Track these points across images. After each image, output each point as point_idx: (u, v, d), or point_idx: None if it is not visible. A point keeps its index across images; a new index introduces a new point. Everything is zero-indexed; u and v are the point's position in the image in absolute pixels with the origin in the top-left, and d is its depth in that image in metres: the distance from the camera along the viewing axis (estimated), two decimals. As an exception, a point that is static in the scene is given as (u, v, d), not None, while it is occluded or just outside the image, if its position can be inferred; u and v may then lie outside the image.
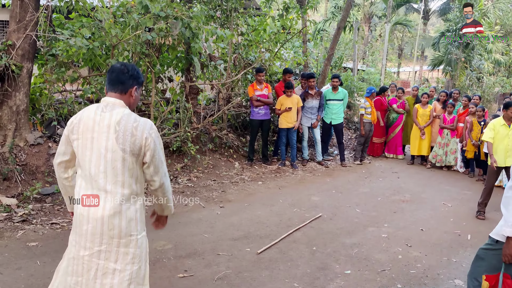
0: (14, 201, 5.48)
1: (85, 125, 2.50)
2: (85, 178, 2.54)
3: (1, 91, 6.04)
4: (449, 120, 9.27)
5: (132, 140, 2.46)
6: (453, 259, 4.79)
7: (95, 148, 2.48)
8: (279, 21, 9.50)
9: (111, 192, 2.49)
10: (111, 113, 2.50)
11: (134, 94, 2.64)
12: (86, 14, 6.71)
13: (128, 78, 2.59)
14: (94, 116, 2.50)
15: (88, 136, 2.49)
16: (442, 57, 19.21)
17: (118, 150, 2.46)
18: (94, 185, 2.50)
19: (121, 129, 2.46)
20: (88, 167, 2.50)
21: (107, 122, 2.47)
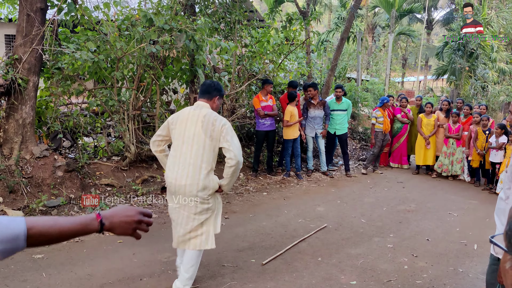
0: (20, 213, 5.51)
1: (181, 118, 3.72)
2: (175, 156, 3.68)
3: (8, 105, 6.11)
4: (454, 129, 9.26)
5: (212, 128, 3.61)
6: (459, 269, 4.76)
7: (186, 133, 3.65)
8: (282, 32, 9.56)
9: (193, 164, 3.60)
10: (200, 111, 3.70)
11: (216, 101, 3.85)
12: (92, 27, 6.79)
13: (213, 90, 3.83)
14: (188, 113, 3.73)
15: (183, 125, 3.68)
16: (446, 66, 19.19)
17: (202, 134, 3.61)
18: (182, 159, 3.63)
19: (205, 120, 3.62)
20: (180, 147, 3.66)
21: (196, 116, 3.66)
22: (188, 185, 3.58)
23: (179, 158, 3.65)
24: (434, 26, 33.48)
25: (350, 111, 9.50)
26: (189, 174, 3.59)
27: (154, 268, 4.47)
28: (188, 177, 3.59)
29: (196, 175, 3.59)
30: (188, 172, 3.59)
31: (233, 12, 8.41)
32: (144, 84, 7.37)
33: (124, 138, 7.08)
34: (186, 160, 3.61)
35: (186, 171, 3.60)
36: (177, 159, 3.65)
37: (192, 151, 3.60)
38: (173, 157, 3.70)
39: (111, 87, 7.10)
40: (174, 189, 3.66)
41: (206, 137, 3.59)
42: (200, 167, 3.60)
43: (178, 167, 3.64)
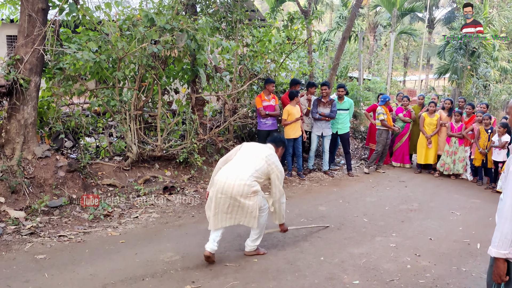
0: (22, 214, 5.51)
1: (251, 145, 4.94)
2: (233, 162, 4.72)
3: (10, 105, 6.11)
4: (456, 128, 9.23)
5: (266, 166, 4.64)
6: (462, 268, 4.74)
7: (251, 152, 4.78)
8: (284, 31, 9.54)
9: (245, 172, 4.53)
10: (269, 150, 4.82)
11: (279, 151, 5.04)
12: (93, 28, 6.78)
13: (279, 141, 5.08)
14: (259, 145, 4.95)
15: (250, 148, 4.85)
16: (448, 65, 19.17)
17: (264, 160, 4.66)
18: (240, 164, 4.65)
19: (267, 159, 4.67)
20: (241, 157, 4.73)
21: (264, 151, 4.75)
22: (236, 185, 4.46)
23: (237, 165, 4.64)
24: (436, 25, 33.43)
25: (352, 110, 9.48)
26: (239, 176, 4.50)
27: (156, 268, 4.47)
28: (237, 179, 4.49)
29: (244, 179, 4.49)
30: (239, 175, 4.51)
31: (235, 12, 8.40)
32: (145, 84, 7.37)
33: (126, 138, 7.08)
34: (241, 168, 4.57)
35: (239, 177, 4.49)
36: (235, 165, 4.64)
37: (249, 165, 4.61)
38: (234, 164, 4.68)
39: (112, 87, 7.10)
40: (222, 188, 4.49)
41: (263, 161, 4.64)
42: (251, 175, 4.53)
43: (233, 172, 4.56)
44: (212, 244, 4.56)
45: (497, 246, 2.62)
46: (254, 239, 4.83)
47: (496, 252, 2.63)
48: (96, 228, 5.55)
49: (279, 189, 4.70)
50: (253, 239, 4.83)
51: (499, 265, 2.66)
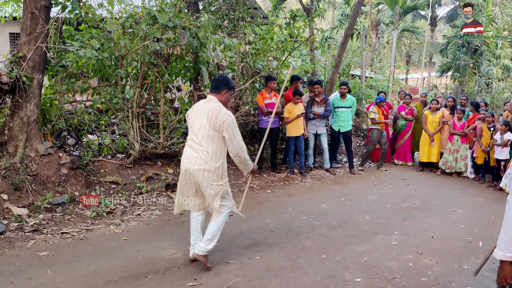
0: (25, 211, 5.52)
1: (194, 111, 4.22)
2: (188, 144, 4.21)
3: (12, 102, 6.12)
4: (459, 126, 9.22)
5: (215, 120, 4.02)
6: (464, 266, 4.74)
7: (196, 124, 4.13)
8: (286, 29, 9.54)
9: (202, 149, 4.07)
10: (208, 104, 4.14)
11: (224, 95, 4.26)
12: (96, 25, 6.79)
13: (221, 84, 4.23)
14: (199, 105, 4.22)
15: (193, 117, 4.18)
16: (450, 63, 19.13)
17: (206, 125, 4.05)
18: (195, 144, 4.12)
19: (211, 113, 4.04)
20: (191, 136, 4.18)
21: (204, 108, 4.12)
22: (196, 170, 4.09)
23: (191, 146, 4.18)
24: (438, 23, 33.28)
25: (354, 108, 9.48)
26: (197, 161, 4.09)
27: (159, 265, 4.48)
28: (196, 163, 4.09)
29: (202, 161, 4.08)
30: (197, 159, 4.09)
31: (237, 9, 8.40)
32: (148, 82, 7.38)
33: (128, 135, 7.09)
34: (195, 147, 4.12)
35: (195, 156, 4.10)
36: (189, 146, 4.19)
37: (198, 140, 4.10)
38: (187, 145, 4.24)
39: (115, 85, 7.11)
40: (185, 172, 4.17)
41: (210, 128, 4.05)
42: (206, 154, 4.08)
43: (189, 153, 4.16)
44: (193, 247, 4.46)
45: (503, 249, 2.61)
46: (207, 239, 4.31)
47: (503, 255, 2.61)
48: (99, 225, 5.56)
49: (237, 144, 4.15)
50: (206, 239, 4.32)
51: (505, 267, 2.65)
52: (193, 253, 4.43)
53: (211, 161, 4.10)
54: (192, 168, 4.11)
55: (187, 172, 4.15)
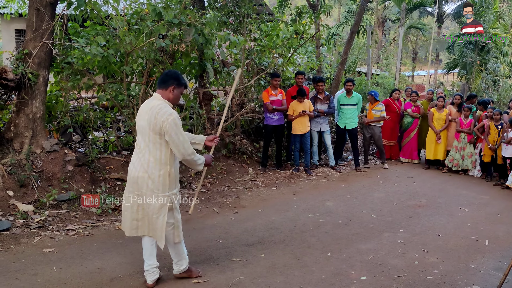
0: (30, 207, 5.54)
1: (140, 110, 3.69)
2: (136, 144, 3.73)
3: (18, 99, 6.13)
4: (465, 124, 9.16)
5: (154, 122, 3.48)
6: (470, 264, 4.71)
7: (139, 125, 3.65)
8: (292, 26, 9.50)
9: (143, 155, 3.61)
10: (150, 102, 3.62)
11: (173, 91, 3.67)
12: (101, 22, 6.78)
13: (169, 79, 3.65)
14: (144, 104, 3.68)
15: (139, 117, 3.65)
16: (457, 60, 18.99)
17: (146, 127, 3.55)
18: (137, 150, 3.69)
19: (150, 113, 3.52)
20: (137, 138, 3.72)
21: (146, 108, 3.59)
22: (139, 177, 3.64)
23: (136, 149, 3.75)
24: (445, 20, 33.09)
25: (360, 105, 9.43)
26: (140, 168, 3.64)
27: (163, 262, 4.47)
28: (139, 170, 3.64)
29: (144, 168, 3.61)
30: (140, 165, 3.64)
31: (242, 6, 8.37)
32: (153, 79, 7.36)
33: (133, 132, 7.08)
34: (139, 152, 3.68)
35: (139, 163, 3.65)
36: (135, 150, 3.76)
37: (142, 144, 3.65)
38: (135, 150, 3.79)
39: (120, 82, 7.11)
40: (131, 180, 3.73)
41: (149, 130, 3.54)
42: (148, 160, 3.60)
43: (135, 159, 3.71)
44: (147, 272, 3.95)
45: None
46: (175, 263, 4.03)
47: None
48: (104, 222, 5.57)
49: (181, 148, 3.59)
50: (175, 263, 4.04)
51: None
52: (174, 274, 4.07)
53: (154, 168, 3.59)
54: (136, 176, 3.64)
55: (131, 180, 3.71)
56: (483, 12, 15.58)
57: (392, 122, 9.99)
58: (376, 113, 9.43)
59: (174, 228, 3.79)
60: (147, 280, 3.92)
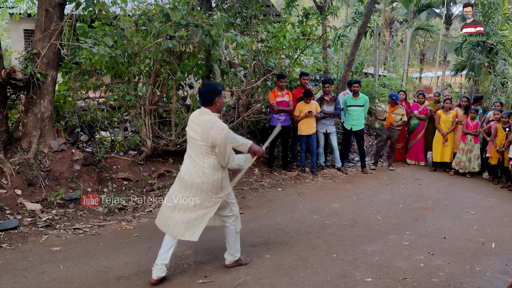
0: (38, 206, 5.59)
1: (189, 121, 4.00)
2: (187, 155, 4.01)
3: (27, 99, 6.19)
4: (472, 126, 9.12)
5: (206, 136, 3.80)
6: (476, 267, 4.70)
7: (190, 135, 3.95)
8: (299, 27, 9.50)
9: (197, 163, 3.91)
10: (202, 117, 3.91)
11: (217, 103, 3.95)
12: (109, 22, 6.83)
13: (210, 94, 3.92)
14: (194, 117, 3.98)
15: (190, 128, 3.98)
16: (465, 62, 18.88)
17: (199, 139, 3.85)
18: (189, 156, 3.98)
19: (204, 127, 3.83)
20: (189, 147, 4.01)
21: (198, 121, 3.90)
22: (195, 182, 3.93)
23: (188, 156, 4.02)
24: (453, 21, 32.93)
25: (367, 107, 9.41)
26: (196, 173, 3.93)
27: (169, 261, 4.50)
28: (195, 176, 3.93)
29: (199, 174, 3.91)
30: (195, 171, 3.93)
31: (250, 7, 8.39)
32: (160, 79, 7.41)
33: (140, 132, 7.13)
34: (192, 160, 3.96)
35: (194, 169, 3.93)
36: (188, 157, 4.02)
37: (194, 152, 3.94)
38: (186, 154, 4.05)
39: (128, 82, 7.15)
40: (184, 184, 4.00)
41: (202, 141, 3.85)
42: (202, 167, 3.90)
43: (189, 164, 3.98)
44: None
45: None
46: (229, 253, 4.43)
47: None
48: (111, 222, 5.61)
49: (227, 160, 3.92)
50: (229, 253, 4.44)
51: None
52: (226, 264, 4.42)
53: (209, 174, 3.91)
54: (192, 181, 3.94)
55: (184, 184, 3.99)
56: (492, 14, 15.47)
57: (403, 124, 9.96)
58: (397, 117, 9.39)
59: (235, 220, 4.31)
60: (153, 274, 4.01)
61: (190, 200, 3.97)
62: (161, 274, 4.02)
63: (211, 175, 3.92)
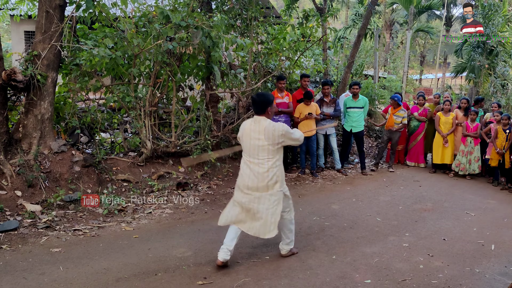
0: (38, 207, 5.59)
1: (245, 133, 4.45)
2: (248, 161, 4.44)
3: (27, 100, 6.20)
4: (472, 128, 9.13)
5: (272, 137, 4.31)
6: (476, 269, 4.70)
7: (252, 143, 4.38)
8: (299, 29, 9.51)
9: (262, 164, 4.35)
10: (259, 124, 4.37)
11: (269, 111, 4.44)
12: (109, 24, 6.85)
13: (264, 104, 4.39)
14: (250, 127, 4.43)
15: (248, 138, 4.43)
16: (465, 63, 18.91)
17: (266, 144, 4.32)
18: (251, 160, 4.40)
19: (267, 132, 4.31)
20: (250, 154, 4.42)
21: (257, 129, 4.36)
22: (260, 186, 4.37)
23: (248, 160, 4.44)
24: (454, 23, 32.96)
25: (366, 108, 9.42)
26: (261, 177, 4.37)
27: (169, 263, 4.51)
28: (260, 180, 4.37)
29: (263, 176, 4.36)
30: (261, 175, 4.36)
31: (250, 9, 8.40)
32: (160, 81, 7.42)
33: (140, 134, 7.14)
34: (256, 163, 4.38)
35: (257, 170, 4.37)
36: (247, 166, 4.44)
37: (259, 156, 4.38)
38: (245, 163, 4.49)
39: (128, 84, 7.16)
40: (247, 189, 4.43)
41: (268, 145, 4.33)
42: (268, 167, 4.37)
43: (250, 172, 4.41)
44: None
45: None
46: (286, 243, 4.82)
47: None
48: (110, 223, 5.61)
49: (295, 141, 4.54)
50: (285, 243, 4.82)
51: None
52: (282, 254, 4.79)
53: (272, 172, 4.38)
54: (257, 186, 4.37)
55: (250, 189, 4.40)
56: (492, 16, 15.49)
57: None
58: (397, 119, 9.40)
59: (290, 211, 4.72)
60: (219, 256, 4.40)
61: (260, 201, 4.39)
62: (226, 257, 4.39)
63: (273, 172, 4.38)
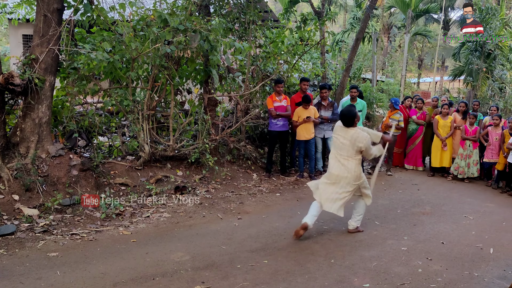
0: (35, 211, 5.57)
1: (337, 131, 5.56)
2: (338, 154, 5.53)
3: (25, 104, 6.18)
4: (471, 131, 9.13)
5: (353, 145, 5.37)
6: (474, 273, 4.69)
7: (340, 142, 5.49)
8: (297, 32, 9.53)
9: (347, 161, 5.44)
10: (349, 130, 5.42)
11: (356, 124, 5.46)
12: (107, 28, 6.84)
13: (351, 120, 5.40)
14: (342, 129, 5.47)
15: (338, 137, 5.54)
16: (463, 67, 18.93)
17: (350, 147, 5.40)
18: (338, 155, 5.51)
19: (352, 139, 5.36)
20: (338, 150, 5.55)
21: (347, 134, 5.41)
22: (342, 176, 5.44)
23: (336, 156, 5.54)
24: (451, 27, 33.03)
25: (364, 112, 9.41)
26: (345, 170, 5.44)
27: (166, 267, 4.49)
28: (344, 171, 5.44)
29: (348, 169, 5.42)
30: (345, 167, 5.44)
31: (248, 13, 8.41)
32: (158, 84, 7.41)
33: (138, 137, 7.13)
34: (343, 160, 5.46)
35: (343, 164, 5.44)
36: (337, 159, 5.52)
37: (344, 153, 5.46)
38: (334, 156, 5.58)
39: (126, 87, 7.16)
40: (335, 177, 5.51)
41: (351, 147, 5.40)
42: (352, 164, 5.42)
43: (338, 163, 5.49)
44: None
45: None
46: (356, 220, 5.84)
47: None
48: (108, 227, 5.59)
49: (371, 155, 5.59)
50: (356, 220, 5.84)
51: None
52: (348, 230, 5.84)
53: (354, 168, 5.42)
54: (341, 176, 5.42)
55: (337, 177, 5.47)
56: (490, 19, 15.54)
57: (402, 129, 9.94)
58: (393, 122, 9.38)
59: (367, 197, 5.77)
60: (306, 220, 5.44)
61: (339, 188, 5.46)
62: (311, 221, 5.45)
63: (353, 169, 5.41)
